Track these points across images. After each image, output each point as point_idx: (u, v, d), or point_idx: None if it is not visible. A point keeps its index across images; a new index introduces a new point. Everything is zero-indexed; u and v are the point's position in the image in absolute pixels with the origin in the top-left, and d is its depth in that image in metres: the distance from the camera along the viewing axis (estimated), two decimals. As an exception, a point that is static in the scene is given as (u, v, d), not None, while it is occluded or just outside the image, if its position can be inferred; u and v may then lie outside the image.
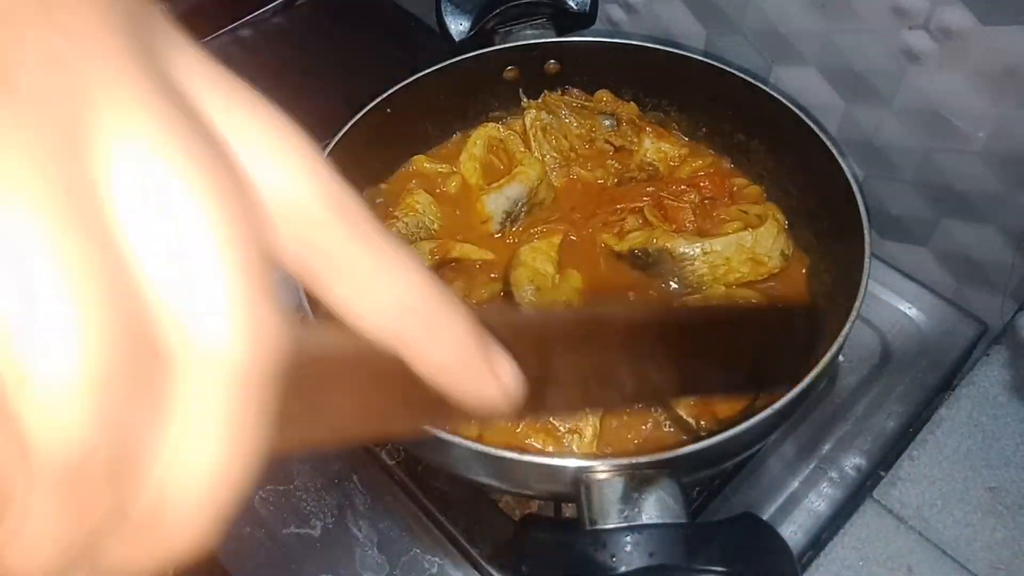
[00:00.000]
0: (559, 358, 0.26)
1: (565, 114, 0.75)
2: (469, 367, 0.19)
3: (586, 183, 0.74)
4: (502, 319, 0.23)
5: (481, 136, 0.74)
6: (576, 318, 0.29)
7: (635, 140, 0.74)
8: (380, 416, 0.20)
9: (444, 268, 0.66)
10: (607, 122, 0.75)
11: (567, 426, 0.57)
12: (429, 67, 0.71)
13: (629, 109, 0.75)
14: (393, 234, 0.19)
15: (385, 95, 0.68)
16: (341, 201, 0.17)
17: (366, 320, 0.18)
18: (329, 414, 0.19)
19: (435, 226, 0.69)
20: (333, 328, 0.18)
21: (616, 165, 0.74)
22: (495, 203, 0.69)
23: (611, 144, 0.74)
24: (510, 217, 0.70)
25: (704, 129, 0.76)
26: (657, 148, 0.73)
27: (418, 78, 0.70)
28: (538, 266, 0.65)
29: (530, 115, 0.74)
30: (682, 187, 0.70)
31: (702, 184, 0.70)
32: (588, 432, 0.56)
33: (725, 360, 0.35)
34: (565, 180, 0.74)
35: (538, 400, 0.24)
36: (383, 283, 0.18)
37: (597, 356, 0.27)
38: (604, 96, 0.76)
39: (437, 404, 0.19)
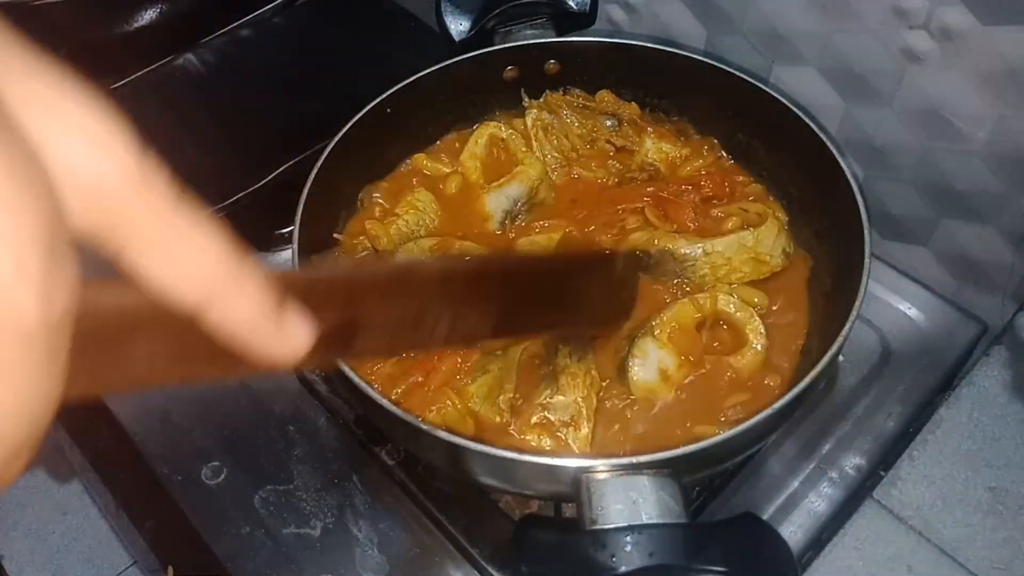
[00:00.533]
0: (375, 306, 0.29)
1: (567, 114, 0.75)
2: (259, 329, 0.22)
3: (587, 183, 0.74)
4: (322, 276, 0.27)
5: (483, 135, 0.74)
6: (395, 271, 0.32)
7: (636, 140, 0.74)
8: (175, 364, 0.23)
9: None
10: (608, 122, 0.75)
11: (563, 419, 0.57)
12: (429, 67, 0.71)
13: (631, 109, 0.75)
14: (191, 207, 0.20)
15: (385, 95, 0.68)
16: (140, 177, 0.19)
17: (166, 287, 0.20)
18: (127, 362, 0.21)
19: (435, 224, 0.69)
20: (129, 288, 0.20)
21: (617, 165, 0.74)
22: (495, 202, 0.69)
23: (612, 144, 0.74)
24: (510, 216, 0.70)
25: (704, 129, 0.76)
26: (658, 148, 0.74)
27: (418, 78, 0.70)
28: None
29: (531, 115, 0.74)
30: (683, 187, 0.70)
31: (702, 183, 0.70)
32: (584, 426, 0.57)
33: (545, 303, 0.39)
34: (566, 179, 0.74)
35: (349, 343, 0.28)
36: (183, 254, 0.20)
37: (415, 303, 0.30)
38: (606, 96, 0.76)
39: (228, 354, 0.22)
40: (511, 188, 0.70)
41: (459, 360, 0.61)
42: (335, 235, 0.68)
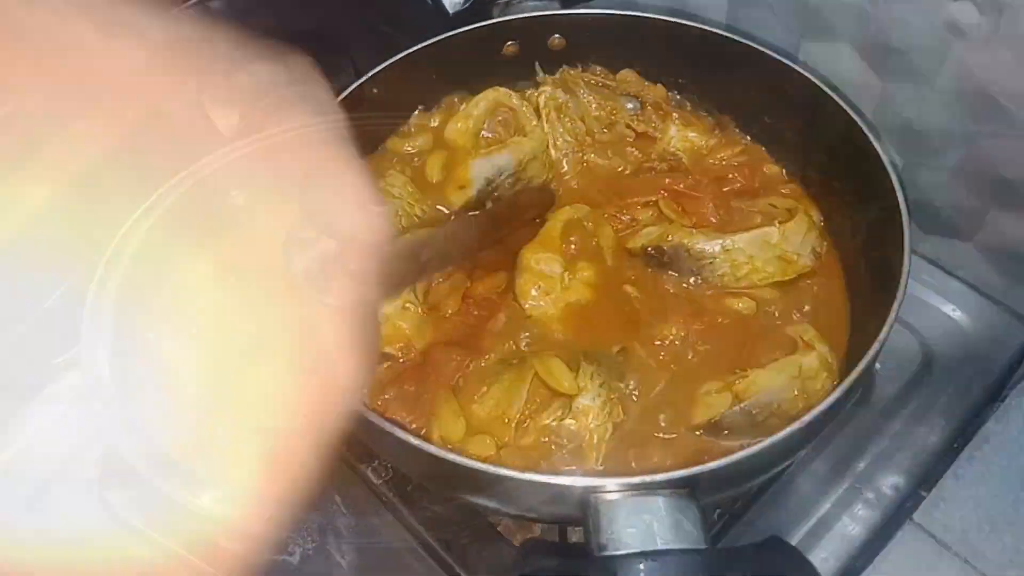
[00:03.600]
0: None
1: (583, 93, 0.73)
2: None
3: (600, 171, 0.73)
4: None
5: (487, 98, 0.72)
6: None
7: (660, 126, 0.73)
8: None
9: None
10: (629, 105, 0.74)
11: (568, 447, 0.56)
12: (420, 43, 0.70)
13: (656, 92, 0.74)
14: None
15: (370, 74, 0.68)
16: None
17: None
18: None
19: (416, 210, 0.68)
20: None
21: (636, 153, 0.73)
22: (479, 168, 0.69)
23: (632, 129, 0.73)
24: (491, 186, 0.69)
25: (725, 111, 0.75)
26: (683, 136, 0.73)
27: (407, 55, 0.70)
28: (543, 268, 0.64)
29: (545, 92, 0.73)
30: (704, 180, 0.69)
31: (731, 175, 0.70)
32: (590, 461, 0.56)
33: None
34: (579, 168, 0.73)
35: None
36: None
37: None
38: (628, 76, 0.75)
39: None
40: (499, 157, 0.69)
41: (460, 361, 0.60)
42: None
